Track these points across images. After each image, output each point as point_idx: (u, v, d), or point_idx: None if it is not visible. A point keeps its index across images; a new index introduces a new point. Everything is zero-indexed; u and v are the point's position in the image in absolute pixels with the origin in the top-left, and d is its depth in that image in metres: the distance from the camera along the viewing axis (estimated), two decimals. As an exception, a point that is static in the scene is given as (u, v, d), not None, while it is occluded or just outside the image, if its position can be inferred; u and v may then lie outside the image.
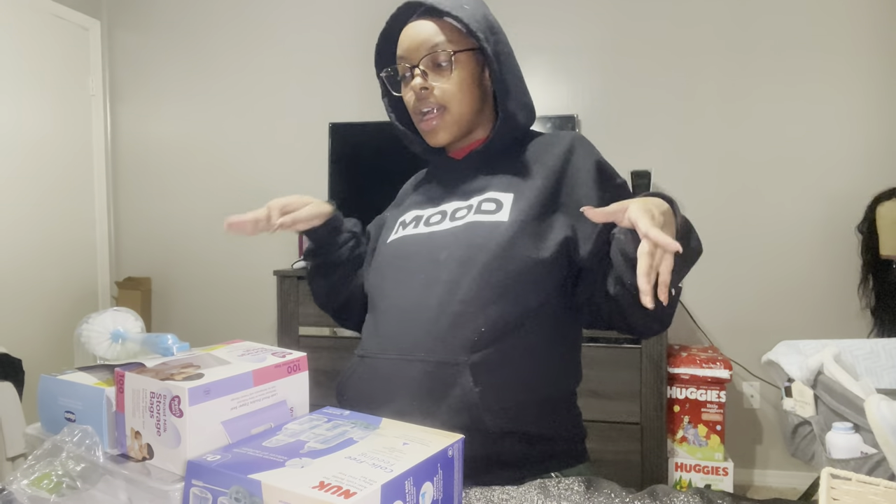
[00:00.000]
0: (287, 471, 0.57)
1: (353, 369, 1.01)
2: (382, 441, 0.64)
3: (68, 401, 0.70)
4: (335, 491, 0.53)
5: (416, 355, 0.92)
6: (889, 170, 2.48)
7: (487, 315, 0.91)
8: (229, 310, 3.13)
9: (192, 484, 0.59)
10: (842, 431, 1.57)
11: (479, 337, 0.91)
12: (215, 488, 0.57)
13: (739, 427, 2.62)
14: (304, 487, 0.53)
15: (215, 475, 0.57)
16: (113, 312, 0.84)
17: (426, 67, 1.00)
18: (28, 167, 2.82)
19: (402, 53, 1.01)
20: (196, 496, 0.58)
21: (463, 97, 1.01)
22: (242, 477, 0.55)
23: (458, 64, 0.99)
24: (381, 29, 1.07)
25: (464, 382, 0.89)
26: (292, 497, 0.53)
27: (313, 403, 0.76)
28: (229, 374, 0.67)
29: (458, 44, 0.99)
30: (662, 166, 2.63)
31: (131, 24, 3.23)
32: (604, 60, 2.71)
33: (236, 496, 0.55)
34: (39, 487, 0.61)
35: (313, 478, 0.55)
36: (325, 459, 0.59)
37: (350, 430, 0.67)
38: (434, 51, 0.98)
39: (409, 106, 1.04)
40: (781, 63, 2.57)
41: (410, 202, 1.14)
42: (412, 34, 1.00)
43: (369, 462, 0.59)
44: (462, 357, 0.90)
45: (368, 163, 2.79)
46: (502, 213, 0.96)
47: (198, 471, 0.59)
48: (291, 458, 0.59)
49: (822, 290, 2.56)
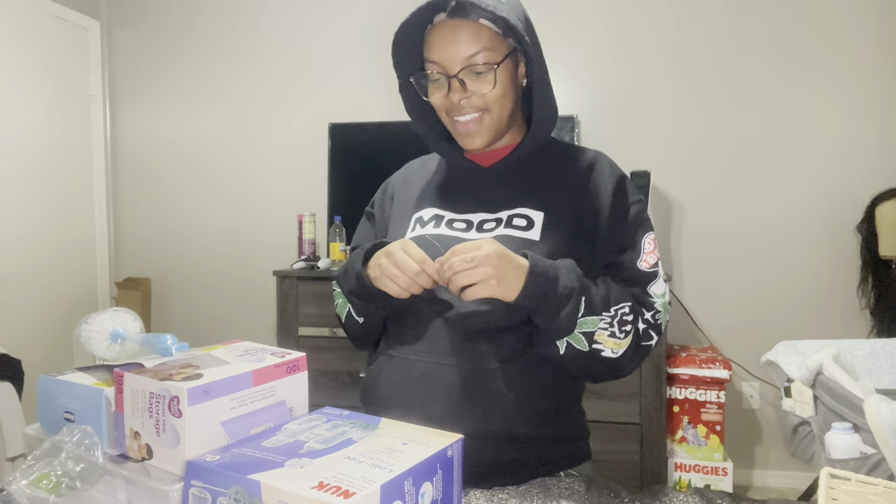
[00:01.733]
0: (286, 471, 0.57)
1: (381, 368, 0.99)
2: (382, 441, 0.64)
3: (67, 401, 0.70)
4: (334, 491, 0.53)
5: (448, 360, 0.92)
6: (889, 170, 2.48)
7: (517, 325, 0.93)
8: (229, 310, 3.13)
9: (191, 484, 0.59)
10: (841, 431, 1.57)
11: (511, 345, 0.92)
12: (214, 488, 0.57)
13: (739, 427, 2.62)
14: (304, 488, 0.53)
15: (214, 475, 0.57)
16: (112, 313, 0.84)
17: (464, 77, 0.94)
18: (28, 167, 2.82)
19: (435, 59, 0.95)
20: (195, 496, 0.58)
21: (504, 101, 0.97)
22: (241, 477, 0.55)
23: (500, 73, 0.94)
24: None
25: (498, 389, 0.90)
26: (291, 497, 0.53)
27: (313, 403, 0.75)
28: (228, 374, 0.67)
29: (497, 51, 0.94)
30: (662, 166, 2.63)
31: (131, 24, 3.22)
32: (604, 60, 2.71)
33: (235, 496, 0.55)
34: (39, 488, 0.61)
35: (312, 478, 0.55)
36: (324, 460, 0.59)
37: (349, 431, 0.67)
38: (473, 61, 0.93)
39: (440, 108, 1.00)
40: (781, 63, 2.56)
41: (425, 198, 1.07)
42: (447, 42, 0.93)
43: (368, 462, 0.59)
44: (494, 364, 0.91)
45: (368, 163, 2.79)
46: (533, 231, 0.96)
47: (197, 471, 0.58)
48: (290, 459, 0.59)
49: (821, 291, 2.56)
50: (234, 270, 3.12)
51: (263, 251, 3.04)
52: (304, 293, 2.43)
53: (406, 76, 1.01)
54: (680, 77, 2.66)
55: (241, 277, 3.10)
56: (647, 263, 0.97)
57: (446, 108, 0.98)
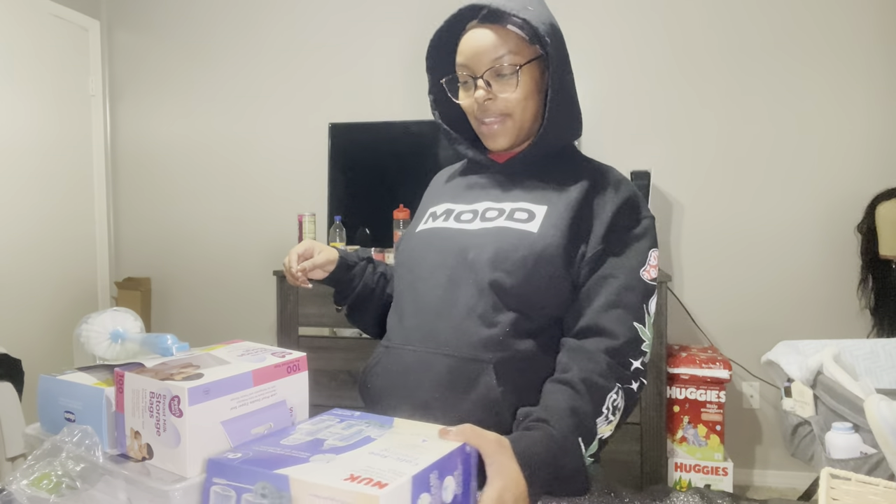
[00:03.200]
0: (313, 466, 0.56)
1: (378, 359, 1.03)
2: (400, 438, 0.65)
3: (68, 401, 0.70)
4: (367, 482, 0.52)
5: (441, 350, 0.94)
6: (889, 170, 2.48)
7: (509, 318, 0.93)
8: (229, 310, 3.13)
9: (213, 482, 0.58)
10: (841, 431, 1.58)
11: (504, 337, 0.93)
12: (239, 485, 0.56)
13: (739, 427, 2.62)
14: (335, 480, 0.53)
15: (239, 472, 0.57)
16: (112, 312, 0.84)
17: (489, 78, 0.99)
18: (28, 167, 2.82)
19: (464, 62, 1.01)
20: (218, 494, 0.57)
21: (527, 104, 1.01)
22: (268, 472, 0.55)
23: (522, 75, 0.98)
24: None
25: (488, 380, 0.91)
26: (323, 490, 0.52)
27: (313, 403, 0.75)
28: (229, 374, 0.67)
29: (522, 55, 0.98)
30: (662, 166, 2.63)
31: (131, 24, 3.22)
32: (603, 61, 2.71)
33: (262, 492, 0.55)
34: (39, 488, 0.61)
35: (342, 471, 0.55)
36: (348, 455, 0.59)
37: (365, 429, 0.67)
38: (498, 63, 0.98)
39: (468, 111, 1.05)
40: (781, 63, 2.56)
41: (442, 194, 1.14)
42: (474, 44, 0.99)
43: (393, 457, 0.59)
44: (486, 355, 0.92)
45: (368, 163, 2.79)
46: (533, 223, 0.97)
47: (219, 468, 0.58)
48: (315, 454, 0.59)
49: (822, 290, 2.56)
50: (234, 270, 3.12)
51: (263, 251, 3.05)
52: (304, 293, 2.43)
53: (437, 81, 1.08)
54: (680, 77, 2.66)
55: (241, 277, 3.10)
56: (648, 275, 0.97)
57: (473, 110, 1.03)
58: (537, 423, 0.82)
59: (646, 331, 0.94)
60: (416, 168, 2.71)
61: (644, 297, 0.95)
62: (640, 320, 0.94)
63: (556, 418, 0.82)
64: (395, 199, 2.56)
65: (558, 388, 0.88)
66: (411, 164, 2.72)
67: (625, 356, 0.91)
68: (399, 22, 2.86)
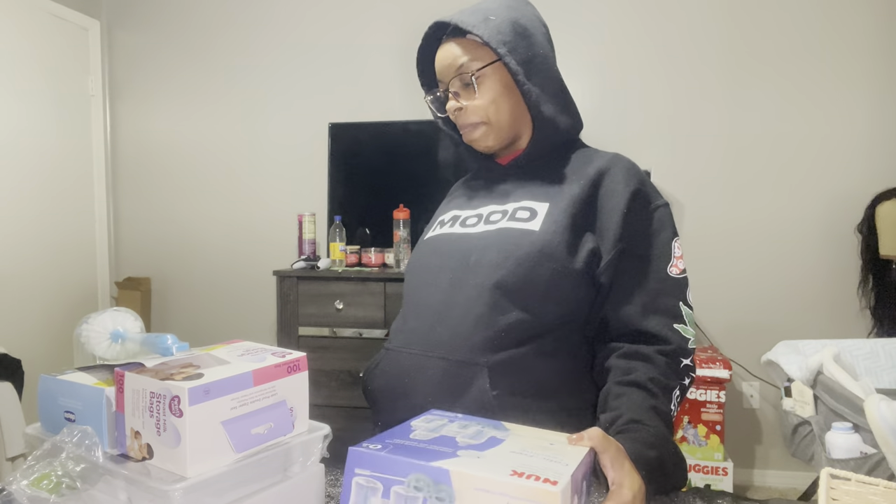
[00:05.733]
0: (466, 460, 0.54)
1: (378, 361, 1.04)
2: (526, 441, 0.62)
3: (68, 401, 0.70)
4: (535, 479, 0.50)
5: (437, 352, 0.94)
6: (889, 170, 2.48)
7: (509, 320, 0.93)
8: (229, 310, 3.13)
9: (355, 473, 0.56)
10: (841, 431, 1.58)
11: (500, 339, 0.92)
12: (387, 477, 0.54)
13: (739, 427, 2.62)
14: (501, 475, 0.51)
15: (387, 463, 0.54)
16: (112, 312, 0.83)
17: (457, 89, 1.04)
18: (28, 167, 2.82)
19: (438, 76, 1.06)
20: (361, 486, 0.55)
21: (498, 108, 1.03)
22: (426, 465, 0.53)
23: (483, 80, 1.01)
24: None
25: (481, 384, 0.91)
26: (491, 484, 0.50)
27: (313, 404, 0.75)
28: (229, 373, 0.67)
29: (480, 60, 1.01)
30: (662, 166, 2.63)
31: (131, 24, 3.22)
32: (603, 60, 2.71)
33: (416, 484, 0.52)
34: (39, 488, 0.61)
35: (502, 467, 0.52)
36: (492, 453, 0.57)
37: (485, 430, 0.65)
38: (460, 72, 1.02)
39: (454, 121, 1.08)
40: (781, 63, 2.57)
41: (452, 201, 1.17)
42: (441, 57, 1.04)
43: (539, 457, 0.56)
44: (481, 358, 0.91)
45: (368, 163, 2.79)
46: (535, 222, 0.97)
47: (363, 459, 0.56)
48: (460, 450, 0.57)
49: (822, 290, 2.56)
50: (234, 270, 3.12)
51: (263, 251, 3.05)
52: (304, 293, 2.43)
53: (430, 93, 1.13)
54: (680, 77, 2.66)
55: (242, 277, 3.10)
56: (677, 269, 0.96)
57: (453, 119, 1.07)
58: (630, 425, 0.82)
59: (687, 328, 0.94)
60: (416, 168, 2.71)
61: (678, 296, 0.94)
62: (679, 319, 0.93)
63: (646, 418, 0.83)
64: (394, 198, 2.56)
65: (630, 390, 0.87)
66: (411, 164, 2.72)
67: (676, 356, 0.92)
68: (399, 22, 2.86)
